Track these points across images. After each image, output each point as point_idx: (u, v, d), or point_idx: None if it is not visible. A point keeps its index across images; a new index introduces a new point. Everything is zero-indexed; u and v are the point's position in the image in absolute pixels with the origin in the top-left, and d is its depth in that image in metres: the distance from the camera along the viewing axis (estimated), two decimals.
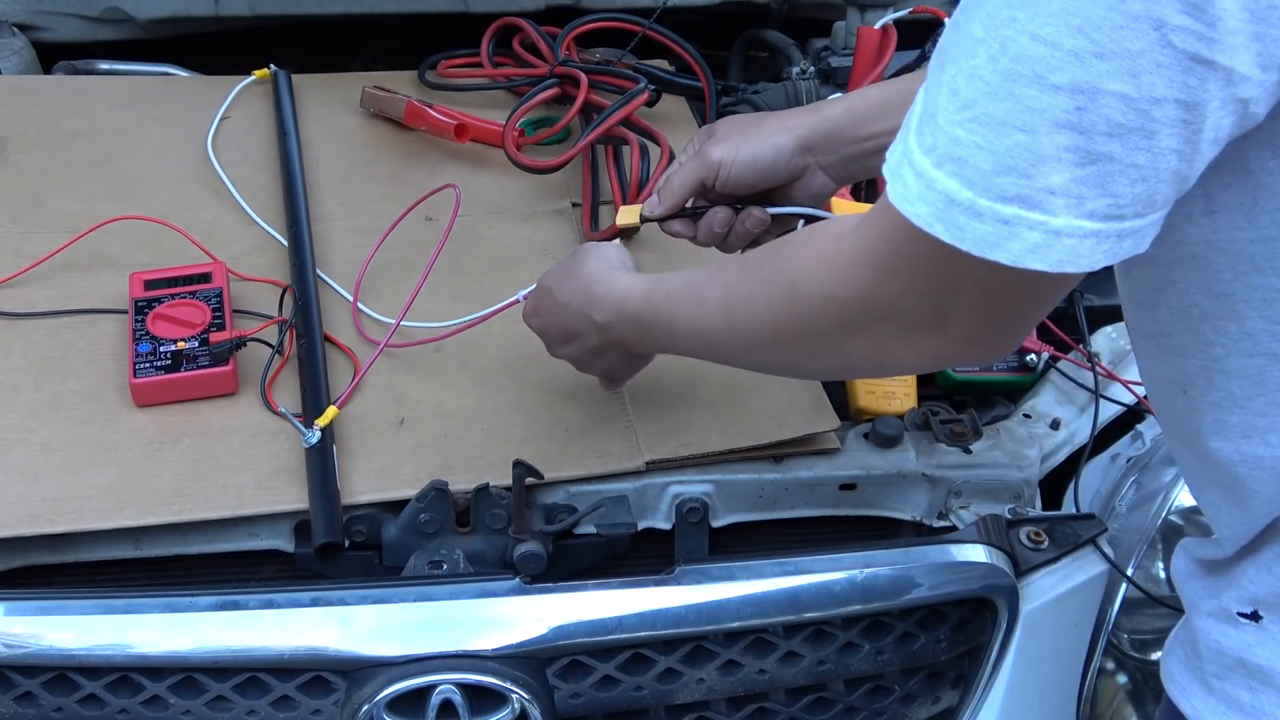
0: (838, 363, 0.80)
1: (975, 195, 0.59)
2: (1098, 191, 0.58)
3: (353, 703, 0.94)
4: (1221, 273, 0.67)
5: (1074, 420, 1.20)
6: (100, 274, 1.25)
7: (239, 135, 1.52)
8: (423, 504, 1.01)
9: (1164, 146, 0.57)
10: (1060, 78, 0.56)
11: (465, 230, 1.32)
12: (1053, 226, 0.59)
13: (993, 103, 0.58)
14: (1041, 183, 0.58)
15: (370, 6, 1.74)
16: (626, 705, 1.00)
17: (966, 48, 0.59)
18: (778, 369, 0.87)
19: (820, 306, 0.74)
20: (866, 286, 0.71)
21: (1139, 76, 0.55)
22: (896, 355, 0.74)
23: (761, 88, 1.61)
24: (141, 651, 0.93)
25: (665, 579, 0.99)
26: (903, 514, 1.14)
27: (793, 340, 0.78)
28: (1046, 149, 0.57)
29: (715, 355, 0.89)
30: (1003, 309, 0.69)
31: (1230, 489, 0.75)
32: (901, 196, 0.63)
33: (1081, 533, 1.10)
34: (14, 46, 1.67)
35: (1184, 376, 0.74)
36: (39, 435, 1.06)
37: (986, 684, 1.09)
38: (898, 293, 0.70)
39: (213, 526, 1.02)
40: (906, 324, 0.71)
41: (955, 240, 0.61)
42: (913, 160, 0.62)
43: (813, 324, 0.76)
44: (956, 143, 0.59)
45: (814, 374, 0.85)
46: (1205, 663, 0.78)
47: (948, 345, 0.71)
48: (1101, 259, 0.60)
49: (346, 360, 1.17)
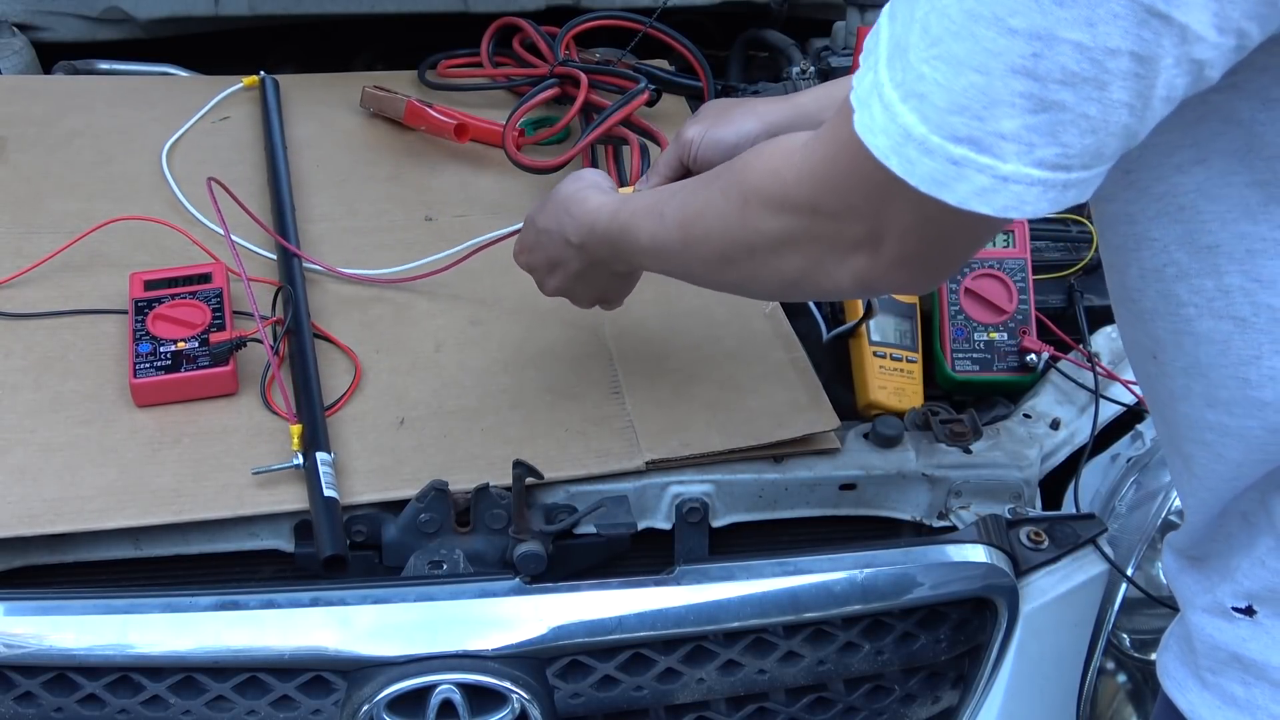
0: (777, 281, 0.80)
1: (929, 131, 0.60)
2: (1048, 140, 0.59)
3: (353, 703, 0.94)
4: (1209, 223, 0.68)
5: (1074, 420, 1.20)
6: (100, 274, 1.25)
7: (239, 135, 1.52)
8: (423, 504, 1.01)
9: (1115, 99, 0.58)
10: (1019, 21, 0.57)
11: (465, 230, 1.32)
12: (1001, 172, 0.60)
13: (955, 42, 0.59)
14: (993, 126, 0.59)
15: (370, 6, 1.74)
16: (626, 705, 1.00)
17: None
18: (727, 286, 0.88)
19: (766, 218, 0.76)
20: (811, 199, 0.72)
21: (1095, 26, 0.56)
22: (830, 274, 0.75)
23: (761, 88, 1.62)
24: (141, 651, 0.93)
25: (665, 579, 0.99)
26: (903, 514, 1.14)
27: (740, 255, 0.80)
28: (1000, 92, 0.58)
29: (673, 270, 0.91)
30: (937, 241, 0.70)
31: (1193, 457, 0.76)
32: (866, 127, 0.63)
33: (1081, 533, 1.10)
34: (14, 46, 1.68)
35: (1153, 341, 0.75)
36: (39, 435, 1.06)
37: (986, 684, 1.08)
38: (838, 208, 0.71)
39: (213, 526, 1.02)
40: (842, 241, 0.72)
41: (905, 174, 0.62)
42: (882, 92, 0.62)
43: (758, 237, 0.77)
44: (920, 79, 0.60)
45: (754, 292, 0.86)
46: (1200, 658, 0.78)
47: (879, 268, 0.72)
48: (1046, 207, 0.61)
49: (347, 360, 1.17)
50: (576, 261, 1.01)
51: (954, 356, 1.22)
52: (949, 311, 1.23)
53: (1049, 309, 1.28)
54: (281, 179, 1.39)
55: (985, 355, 1.22)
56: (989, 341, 1.23)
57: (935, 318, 1.24)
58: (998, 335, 1.22)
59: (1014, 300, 1.23)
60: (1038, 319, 1.24)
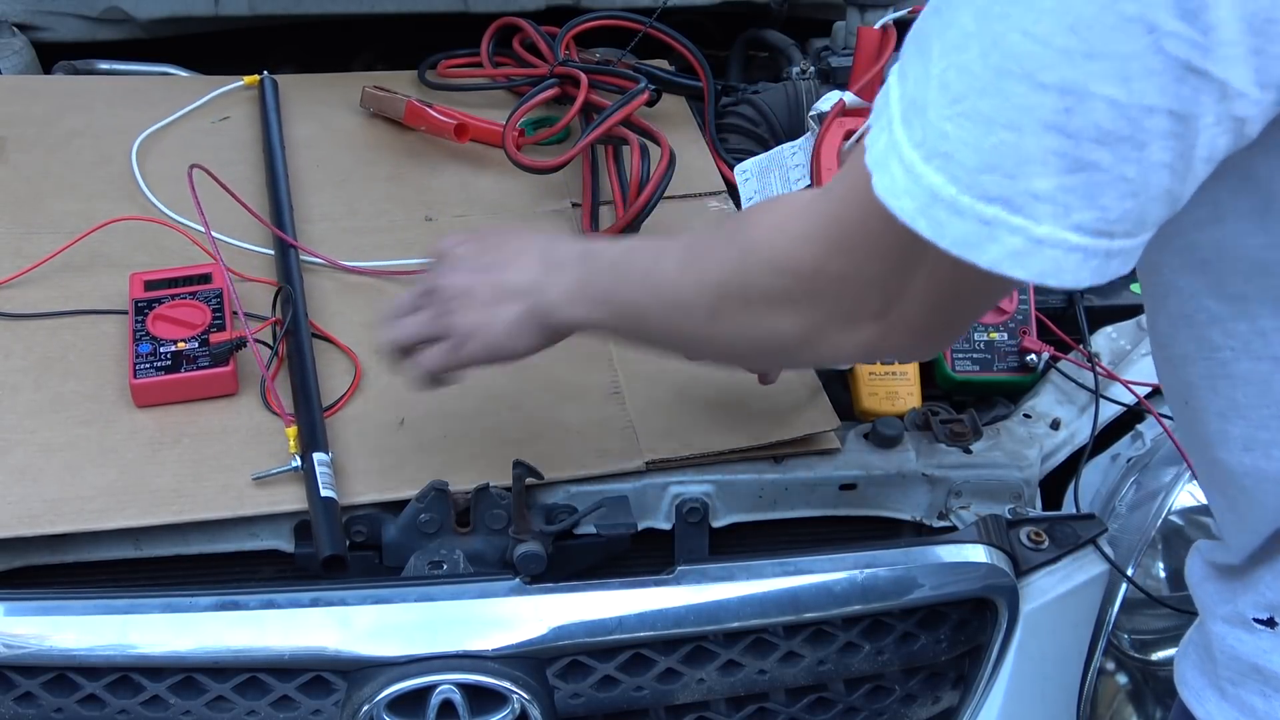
0: (771, 341, 0.77)
1: (959, 192, 0.58)
2: (1085, 202, 0.57)
3: (353, 703, 0.94)
4: (1232, 277, 0.66)
5: (1074, 420, 1.20)
6: (100, 274, 1.25)
7: (239, 135, 1.52)
8: (423, 504, 1.01)
9: (1155, 160, 0.56)
10: (1049, 76, 0.55)
11: (465, 230, 1.32)
12: (1035, 234, 0.57)
13: (982, 99, 0.57)
14: (1025, 185, 0.57)
15: (370, 6, 1.74)
16: (627, 705, 1.00)
17: (957, 41, 0.58)
18: (717, 345, 0.83)
19: (766, 273, 0.74)
20: (815, 261, 0.70)
21: (1130, 81, 0.54)
22: (830, 339, 0.73)
23: (761, 88, 1.61)
24: (142, 652, 0.93)
25: (665, 579, 0.99)
26: (903, 514, 1.14)
27: (733, 305, 0.77)
28: (1032, 150, 0.56)
29: (653, 316, 0.85)
30: (951, 305, 0.68)
31: (1235, 499, 0.74)
32: (888, 189, 0.61)
33: (1082, 533, 1.10)
34: (14, 46, 1.67)
35: (1185, 387, 0.73)
36: (39, 436, 1.06)
37: (987, 684, 1.08)
38: (845, 271, 0.69)
39: (213, 527, 1.02)
40: (846, 306, 0.70)
41: (935, 237, 0.59)
42: (901, 153, 0.60)
43: (756, 290, 0.75)
44: (944, 137, 0.58)
45: (744, 353, 0.81)
46: (1220, 668, 0.77)
47: (884, 334, 0.70)
48: (1088, 277, 0.59)
49: (347, 361, 1.17)
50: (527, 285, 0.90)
51: (954, 356, 1.22)
52: None
53: (1049, 309, 1.28)
54: (279, 176, 1.39)
55: (985, 355, 1.22)
56: (989, 341, 1.23)
57: None
58: (998, 335, 1.22)
59: (1014, 300, 1.23)
60: (1038, 319, 1.24)
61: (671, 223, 1.35)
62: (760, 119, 1.56)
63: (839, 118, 1.39)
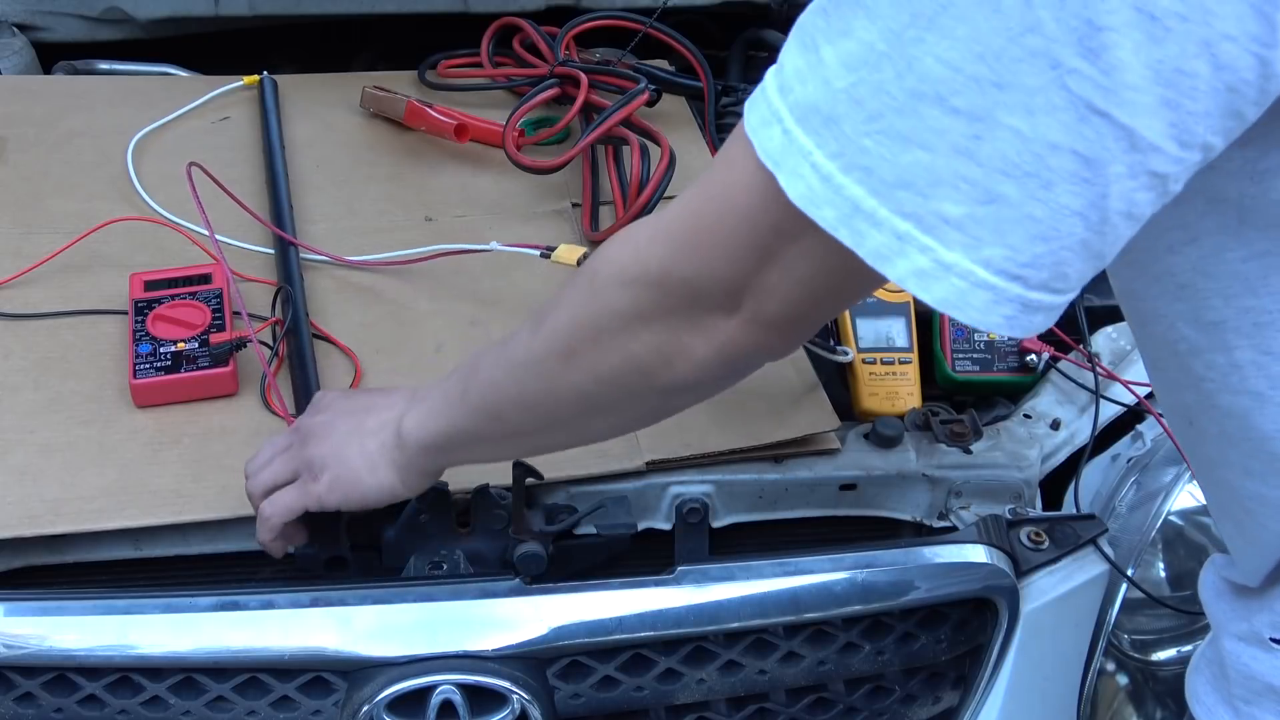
0: (629, 371, 0.75)
1: (878, 204, 0.58)
2: (994, 236, 0.56)
3: (353, 703, 0.94)
4: (1211, 299, 0.66)
5: (1074, 420, 1.20)
6: (100, 274, 1.25)
7: (239, 135, 1.52)
8: (423, 504, 1.01)
9: (1063, 204, 0.55)
10: (960, 101, 0.55)
11: (465, 230, 1.32)
12: (943, 258, 0.57)
13: (899, 118, 0.56)
14: (936, 206, 0.57)
15: (370, 6, 1.73)
16: (627, 706, 1.00)
17: (864, 57, 0.57)
18: (572, 402, 0.79)
19: (615, 291, 0.73)
20: (662, 262, 0.70)
21: (1034, 115, 0.53)
22: (688, 348, 0.72)
23: None
24: (142, 652, 0.93)
25: (665, 579, 0.99)
26: (903, 514, 1.14)
27: (585, 341, 0.76)
28: (944, 172, 0.56)
29: (509, 391, 0.82)
30: (810, 301, 0.68)
31: (1243, 523, 0.74)
32: (806, 198, 0.60)
33: (1082, 533, 1.10)
34: (14, 46, 1.67)
35: (1186, 409, 0.73)
36: (39, 436, 1.06)
37: (987, 684, 1.08)
38: (694, 267, 0.68)
39: (213, 527, 1.02)
40: (699, 304, 0.70)
41: (854, 245, 0.59)
42: (814, 162, 0.59)
43: (607, 314, 0.74)
44: (864, 152, 0.58)
45: (606, 398, 0.78)
46: (1233, 685, 0.77)
47: (741, 330, 0.70)
48: (1000, 321, 0.58)
49: (347, 361, 1.17)
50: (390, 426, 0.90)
51: (954, 356, 1.22)
52: None
53: None
54: (279, 176, 1.39)
55: (985, 355, 1.22)
56: (989, 341, 1.23)
57: (935, 317, 1.24)
58: (998, 335, 1.22)
59: None
60: None
61: None
62: None
63: None
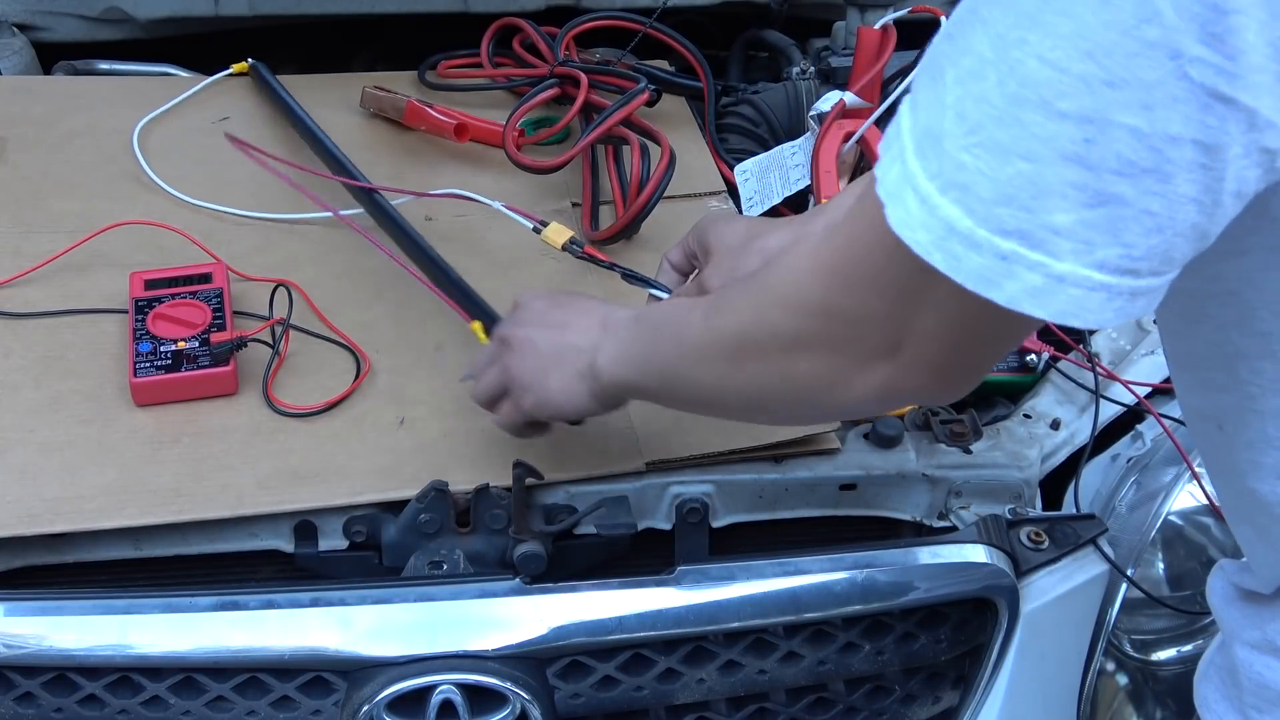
0: (793, 388, 0.75)
1: (975, 224, 0.56)
2: (1109, 238, 0.54)
3: (353, 703, 0.94)
4: (1259, 310, 0.64)
5: (1074, 420, 1.20)
6: (100, 274, 1.25)
7: (240, 134, 1.51)
8: (423, 504, 1.01)
9: (1181, 193, 0.53)
10: (1068, 105, 0.52)
11: (465, 230, 1.32)
12: (1055, 271, 0.55)
13: (998, 128, 0.54)
14: (1043, 219, 0.54)
15: (370, 6, 1.73)
16: (627, 705, 1.00)
17: (973, 68, 0.56)
18: (738, 397, 0.81)
19: (778, 313, 0.72)
20: (823, 296, 0.68)
21: (1153, 109, 0.51)
22: (847, 381, 0.70)
23: (761, 88, 1.61)
24: (141, 652, 0.93)
25: (665, 579, 0.99)
26: (903, 514, 1.14)
27: (752, 352, 0.76)
28: (1051, 182, 0.54)
29: (682, 372, 0.85)
30: (968, 344, 0.66)
31: (1266, 529, 0.73)
32: (902, 222, 0.59)
33: (1082, 533, 1.10)
34: (14, 46, 1.67)
35: (1219, 412, 0.71)
36: (39, 435, 1.06)
37: (987, 684, 1.08)
38: (852, 305, 0.67)
39: (213, 526, 1.02)
40: (858, 343, 0.68)
41: (951, 271, 0.57)
42: (916, 184, 0.58)
43: (770, 333, 0.73)
44: (961, 168, 0.56)
45: (771, 403, 0.78)
46: (1245, 694, 0.76)
47: (901, 375, 0.68)
48: (1111, 317, 0.56)
49: (347, 360, 1.17)
50: (588, 348, 0.93)
51: None
52: None
53: None
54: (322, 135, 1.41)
55: None
56: None
57: None
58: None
59: None
60: None
61: (672, 222, 1.35)
62: (760, 119, 1.56)
63: (839, 118, 1.39)
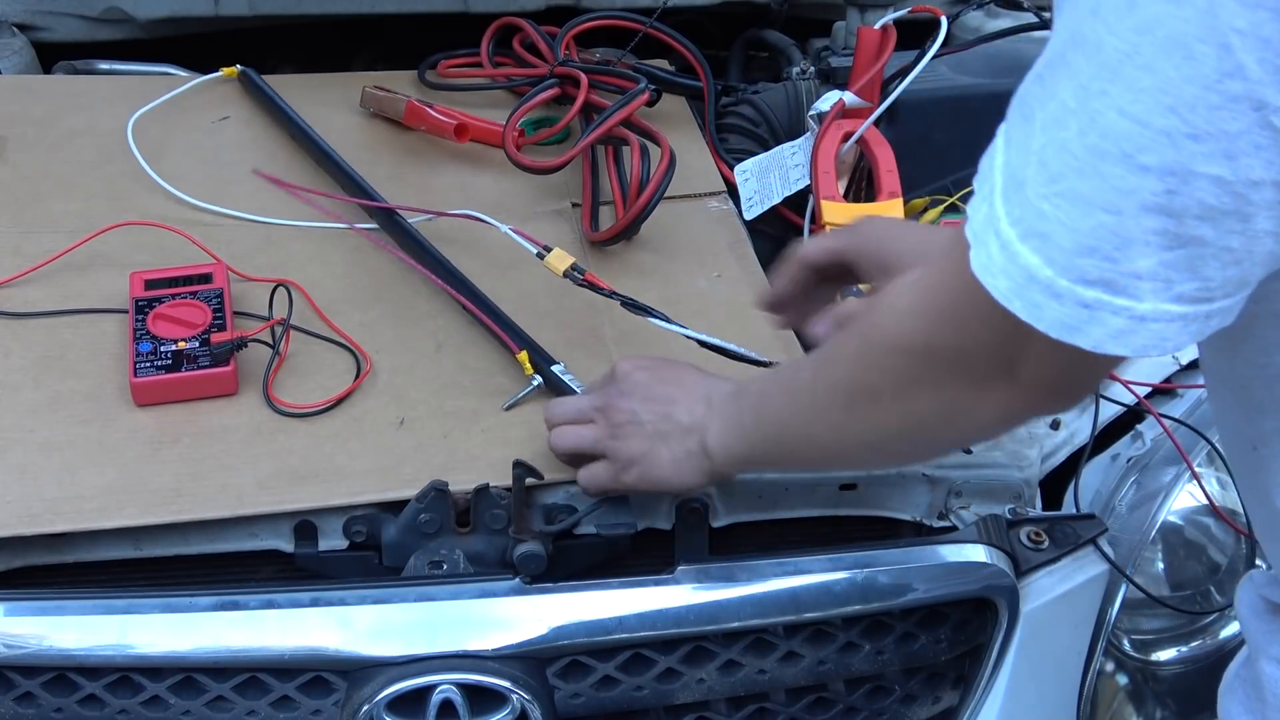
0: (913, 427, 0.75)
1: (1055, 274, 0.57)
2: (1187, 275, 0.55)
3: (353, 703, 0.94)
4: None
5: (1074, 420, 1.20)
6: (100, 274, 1.25)
7: (240, 135, 1.52)
8: (423, 504, 1.01)
9: (1260, 229, 0.55)
10: (1150, 159, 0.53)
11: (465, 230, 1.32)
12: (1138, 312, 0.56)
13: (1079, 179, 0.55)
14: (1127, 267, 0.55)
15: (370, 6, 1.74)
16: (627, 705, 1.00)
17: (1057, 115, 0.56)
18: (858, 445, 0.82)
19: (885, 356, 0.72)
20: (926, 335, 0.69)
21: (1235, 159, 0.52)
22: (968, 410, 0.71)
23: (761, 88, 1.61)
24: (141, 652, 0.93)
25: (665, 579, 0.99)
26: (903, 514, 1.14)
27: (863, 399, 0.76)
28: (1133, 232, 0.55)
29: (796, 427, 0.85)
30: (1075, 365, 0.65)
31: None
32: (984, 267, 0.60)
33: (1082, 533, 1.10)
34: (14, 46, 1.67)
35: (1256, 433, 0.72)
36: (38, 435, 1.06)
37: (987, 684, 1.08)
38: (958, 339, 0.67)
39: (213, 526, 1.01)
40: (972, 373, 0.68)
41: (1032, 319, 0.58)
42: (999, 229, 0.59)
43: (880, 378, 0.73)
44: (1042, 217, 0.56)
45: (893, 445, 0.79)
46: (1270, 709, 0.76)
47: (1021, 396, 0.68)
48: (1187, 340, 0.58)
49: (347, 360, 1.17)
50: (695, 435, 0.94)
51: None
52: None
53: None
54: (327, 147, 1.41)
55: None
56: None
57: None
58: None
59: None
60: None
61: (671, 223, 1.35)
62: (760, 119, 1.56)
63: (838, 118, 1.39)
